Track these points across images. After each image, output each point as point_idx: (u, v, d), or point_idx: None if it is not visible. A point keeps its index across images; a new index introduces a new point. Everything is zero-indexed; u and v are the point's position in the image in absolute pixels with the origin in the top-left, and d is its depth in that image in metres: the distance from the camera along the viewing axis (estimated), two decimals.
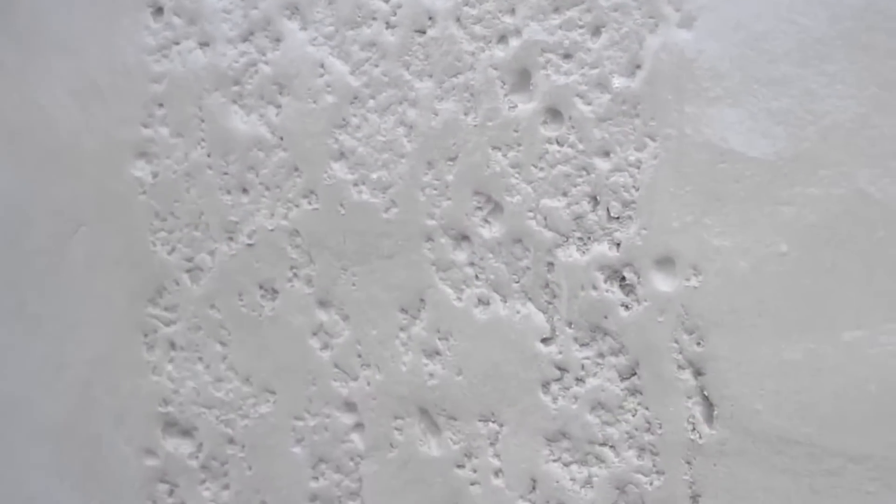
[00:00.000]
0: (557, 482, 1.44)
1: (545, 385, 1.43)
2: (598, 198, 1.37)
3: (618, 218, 1.36)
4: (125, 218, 1.75)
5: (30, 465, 1.87)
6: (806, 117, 1.21)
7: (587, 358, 1.40)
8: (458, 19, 1.45)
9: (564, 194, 1.39)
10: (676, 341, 1.33)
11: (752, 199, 1.25)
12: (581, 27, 1.36)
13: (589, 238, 1.38)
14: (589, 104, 1.36)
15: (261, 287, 1.64)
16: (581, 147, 1.37)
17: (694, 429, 1.33)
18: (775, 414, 1.27)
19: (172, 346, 1.74)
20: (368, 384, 1.56)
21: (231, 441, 1.71)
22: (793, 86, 1.22)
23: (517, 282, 1.43)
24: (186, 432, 1.76)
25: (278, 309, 1.63)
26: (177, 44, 1.68)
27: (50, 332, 1.83)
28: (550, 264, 1.41)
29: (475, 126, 1.44)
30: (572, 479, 1.43)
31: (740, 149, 1.25)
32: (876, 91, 1.18)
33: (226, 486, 1.73)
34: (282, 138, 1.59)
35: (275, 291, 1.63)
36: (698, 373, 1.32)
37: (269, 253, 1.62)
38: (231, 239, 1.66)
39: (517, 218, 1.42)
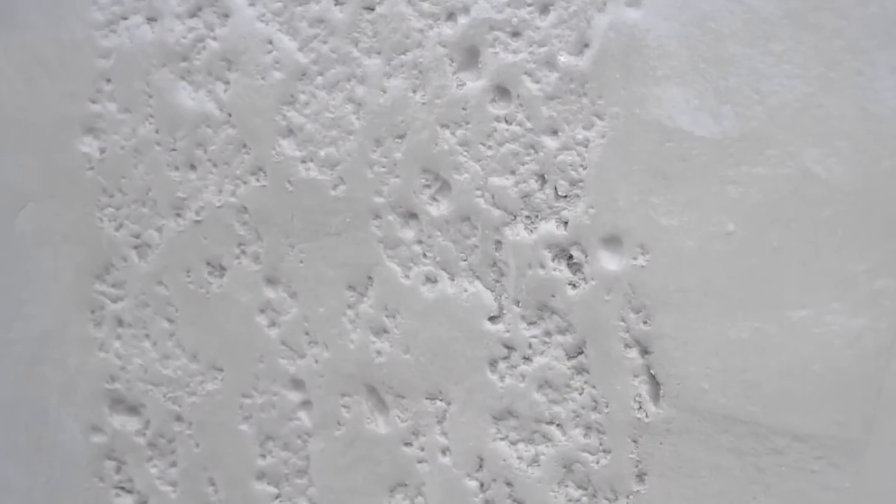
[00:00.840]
0: (504, 461, 1.45)
1: (492, 363, 1.44)
2: (545, 176, 1.37)
3: (565, 196, 1.36)
4: (72, 194, 1.74)
5: None
6: (753, 97, 1.22)
7: (534, 336, 1.41)
8: None
9: (512, 172, 1.39)
10: (623, 320, 1.34)
11: (699, 179, 1.26)
12: (530, 5, 1.36)
13: (536, 216, 1.38)
14: (537, 82, 1.37)
15: (208, 264, 1.64)
16: (529, 125, 1.37)
17: (640, 407, 1.34)
18: (721, 393, 1.28)
19: (119, 322, 1.74)
20: (316, 362, 1.56)
21: (178, 418, 1.71)
22: (740, 65, 1.22)
23: (465, 260, 1.44)
24: (133, 409, 1.76)
25: (226, 286, 1.62)
26: (124, 19, 1.67)
27: None
28: (498, 242, 1.41)
29: (423, 104, 1.44)
30: (519, 458, 1.44)
31: (687, 128, 1.26)
32: (822, 71, 1.18)
33: (173, 464, 1.73)
34: (230, 115, 1.59)
35: (222, 268, 1.63)
36: (645, 351, 1.33)
37: (217, 230, 1.62)
38: (179, 216, 1.65)
39: (465, 196, 1.42)
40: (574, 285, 1.37)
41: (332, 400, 1.56)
